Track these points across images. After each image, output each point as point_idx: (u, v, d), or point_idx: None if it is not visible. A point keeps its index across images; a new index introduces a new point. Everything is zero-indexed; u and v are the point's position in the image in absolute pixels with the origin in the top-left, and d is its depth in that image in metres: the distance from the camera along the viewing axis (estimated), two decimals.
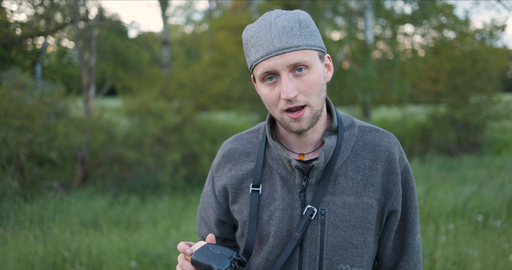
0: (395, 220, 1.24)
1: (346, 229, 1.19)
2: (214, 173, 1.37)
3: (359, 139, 1.26)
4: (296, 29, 1.10)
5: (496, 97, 11.76)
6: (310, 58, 1.11)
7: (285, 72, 1.10)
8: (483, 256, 3.86)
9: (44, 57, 11.65)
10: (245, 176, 1.29)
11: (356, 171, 1.22)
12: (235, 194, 1.30)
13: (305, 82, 1.11)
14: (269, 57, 1.09)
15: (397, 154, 1.25)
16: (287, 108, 1.13)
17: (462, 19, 12.17)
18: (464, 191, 6.16)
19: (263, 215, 1.24)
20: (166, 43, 13.29)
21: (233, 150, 1.35)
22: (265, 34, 1.10)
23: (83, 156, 8.50)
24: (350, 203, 1.20)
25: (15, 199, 6.11)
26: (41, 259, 4.09)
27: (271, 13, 1.14)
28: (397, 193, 1.22)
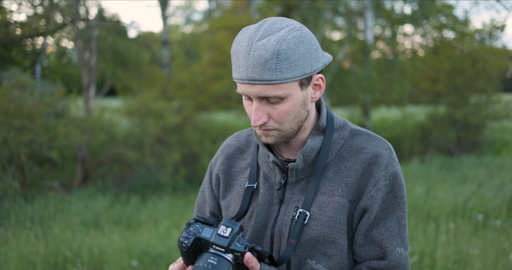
0: (367, 218, 1.18)
1: (314, 227, 1.17)
2: (212, 167, 1.40)
3: (347, 142, 1.24)
4: (272, 62, 1.04)
5: (495, 97, 11.79)
6: (283, 91, 1.08)
7: (257, 100, 1.10)
8: (484, 255, 3.87)
9: (44, 57, 11.65)
10: (237, 174, 1.32)
11: (336, 173, 1.20)
12: (225, 189, 1.33)
13: (277, 111, 1.10)
14: (242, 82, 1.09)
15: (385, 158, 1.20)
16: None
17: (462, 19, 12.20)
18: (464, 190, 6.17)
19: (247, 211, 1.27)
20: (166, 43, 13.31)
21: (230, 146, 1.39)
22: (243, 58, 1.06)
23: (84, 156, 8.51)
24: (321, 202, 1.18)
25: (15, 199, 6.11)
26: (43, 259, 4.09)
27: (257, 31, 1.08)
28: (369, 193, 1.17)
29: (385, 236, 1.17)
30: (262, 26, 1.09)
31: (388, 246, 1.16)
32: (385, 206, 1.18)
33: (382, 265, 1.16)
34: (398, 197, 1.19)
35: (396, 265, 1.16)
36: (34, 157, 7.58)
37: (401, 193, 1.20)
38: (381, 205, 1.18)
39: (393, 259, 1.16)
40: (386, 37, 12.61)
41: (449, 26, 12.45)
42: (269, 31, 1.07)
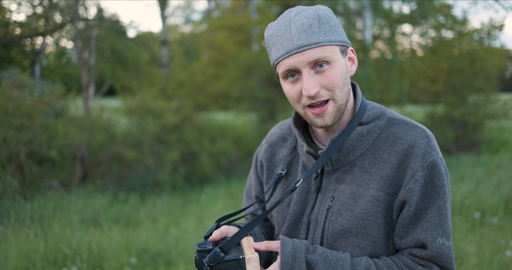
0: (407, 211, 1.17)
1: (348, 218, 1.18)
2: (257, 154, 1.47)
3: (384, 131, 1.23)
4: (315, 25, 1.10)
5: (493, 97, 11.81)
6: (330, 53, 1.12)
7: (306, 69, 1.12)
8: (480, 251, 3.90)
9: (43, 57, 11.67)
10: (279, 161, 1.38)
11: (372, 164, 1.20)
12: (267, 175, 1.40)
13: (327, 77, 1.12)
14: (289, 55, 1.11)
15: (422, 148, 1.17)
16: (309, 104, 1.14)
17: (460, 18, 12.22)
18: (462, 189, 6.20)
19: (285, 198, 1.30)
20: (165, 43, 13.33)
21: (273, 134, 1.44)
22: (285, 33, 1.11)
23: (83, 155, 8.53)
24: (357, 194, 1.19)
25: (15, 198, 6.13)
26: (42, 256, 4.12)
27: (291, 10, 1.14)
28: (407, 185, 1.16)
29: (426, 227, 1.15)
30: (290, 10, 1.15)
31: (429, 237, 1.14)
32: (425, 197, 1.16)
33: (423, 254, 1.16)
34: (438, 186, 1.16)
35: (438, 255, 1.15)
36: (33, 156, 7.59)
37: (441, 183, 1.17)
38: (420, 196, 1.16)
39: (434, 249, 1.15)
40: (384, 37, 12.64)
41: (447, 26, 12.48)
42: (300, 9, 1.14)
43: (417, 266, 1.17)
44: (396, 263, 1.17)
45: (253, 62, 10.80)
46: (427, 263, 1.17)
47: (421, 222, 1.16)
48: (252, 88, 11.01)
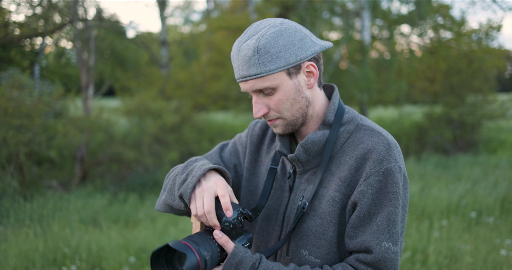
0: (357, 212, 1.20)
1: (311, 217, 1.26)
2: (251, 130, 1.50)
3: (351, 136, 1.27)
4: (255, 58, 1.16)
5: (491, 97, 11.86)
6: (271, 82, 1.18)
7: (254, 94, 1.23)
8: (475, 250, 3.94)
9: (42, 57, 11.69)
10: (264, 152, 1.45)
11: (337, 166, 1.26)
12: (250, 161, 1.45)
13: (272, 101, 1.22)
14: (239, 81, 1.23)
15: (381, 154, 1.20)
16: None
17: (458, 19, 12.27)
18: (459, 188, 6.24)
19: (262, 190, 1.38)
20: (164, 43, 13.37)
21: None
22: (235, 61, 1.21)
23: (82, 156, 8.56)
24: (321, 194, 1.26)
25: (14, 198, 6.16)
26: (42, 255, 4.15)
27: (244, 35, 1.21)
28: (358, 187, 1.20)
29: (373, 230, 1.17)
30: (248, 30, 1.23)
31: (374, 240, 1.16)
32: (377, 201, 1.18)
33: (368, 259, 1.17)
34: (391, 193, 1.18)
35: (382, 259, 1.16)
36: (33, 156, 7.63)
37: (395, 189, 1.18)
38: (372, 200, 1.18)
39: (379, 253, 1.16)
40: (383, 37, 12.68)
41: (446, 27, 12.52)
42: (253, 32, 1.20)
43: None
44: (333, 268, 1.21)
45: None
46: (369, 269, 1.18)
47: (370, 225, 1.18)
48: None
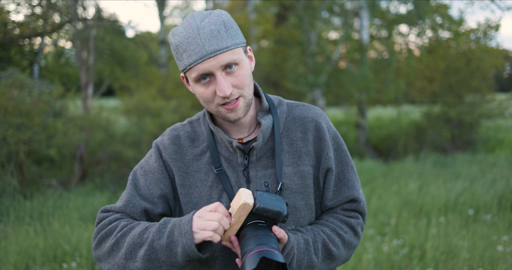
0: (331, 176, 1.37)
1: (289, 196, 1.33)
2: (161, 151, 1.40)
3: (288, 114, 1.40)
4: (223, 31, 1.19)
5: (490, 96, 11.91)
6: (238, 56, 1.23)
7: (219, 72, 1.21)
8: (472, 247, 3.98)
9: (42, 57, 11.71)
10: (192, 161, 1.37)
11: (290, 144, 1.36)
12: (182, 176, 1.36)
13: (237, 78, 1.23)
14: (203, 60, 1.19)
15: (324, 123, 1.39)
16: (223, 103, 1.25)
17: (457, 19, 12.31)
18: (456, 186, 6.27)
19: (213, 194, 1.34)
20: (164, 43, 13.38)
21: (178, 136, 1.41)
22: (195, 39, 1.18)
23: (82, 155, 8.59)
24: (289, 173, 1.33)
25: (14, 196, 6.18)
26: (42, 252, 4.18)
27: (194, 17, 1.21)
28: (326, 155, 1.36)
29: (350, 185, 1.40)
30: (193, 16, 1.22)
31: (355, 193, 1.39)
32: (339, 161, 1.40)
33: (354, 207, 1.41)
34: (344, 150, 1.42)
35: (362, 204, 1.42)
36: (32, 155, 7.65)
37: (344, 147, 1.43)
38: (338, 161, 1.40)
39: (361, 200, 1.42)
40: (381, 37, 12.72)
41: (444, 26, 12.56)
42: (202, 15, 1.22)
43: (349, 219, 1.41)
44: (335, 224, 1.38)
45: None
46: (354, 214, 1.43)
47: (345, 182, 1.40)
48: None
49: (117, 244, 1.24)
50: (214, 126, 1.35)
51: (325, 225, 1.37)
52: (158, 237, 1.18)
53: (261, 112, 1.37)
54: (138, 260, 1.20)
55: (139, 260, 1.19)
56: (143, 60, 15.37)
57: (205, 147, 1.38)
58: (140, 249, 1.20)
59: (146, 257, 1.18)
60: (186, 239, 1.14)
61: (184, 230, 1.15)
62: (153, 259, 1.18)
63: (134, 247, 1.21)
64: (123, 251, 1.22)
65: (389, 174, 7.86)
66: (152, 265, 1.19)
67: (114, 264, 1.24)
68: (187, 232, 1.14)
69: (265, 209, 1.14)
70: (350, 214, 1.42)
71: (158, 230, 1.20)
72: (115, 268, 1.24)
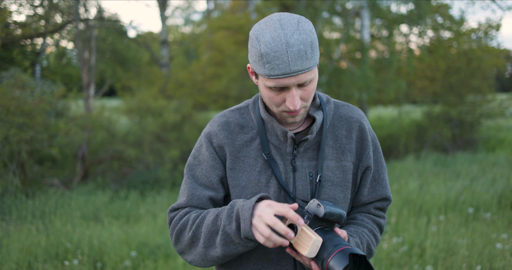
0: (369, 174, 1.48)
1: (330, 187, 1.41)
2: (210, 138, 1.45)
3: (335, 112, 1.48)
4: (309, 52, 1.22)
5: (490, 96, 11.91)
6: (314, 74, 1.28)
7: (294, 87, 1.26)
8: (471, 244, 4.00)
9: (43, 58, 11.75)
10: (242, 146, 1.43)
11: (334, 140, 1.45)
12: (232, 160, 1.43)
13: (306, 92, 1.29)
14: (285, 77, 1.23)
15: (366, 125, 1.50)
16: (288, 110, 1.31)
17: (458, 19, 12.32)
18: (457, 185, 6.29)
19: (261, 179, 1.40)
20: (165, 43, 13.42)
21: (228, 122, 1.46)
22: (282, 56, 1.19)
23: (83, 154, 8.62)
24: (331, 167, 1.42)
25: (16, 195, 6.22)
26: (44, 250, 4.21)
27: (283, 26, 1.22)
28: (367, 154, 1.47)
29: (384, 184, 1.53)
30: (281, 25, 1.23)
31: (387, 192, 1.53)
32: (376, 161, 1.51)
33: (385, 205, 1.55)
34: (380, 152, 1.54)
35: (391, 201, 1.57)
36: (34, 154, 7.69)
37: (380, 149, 1.54)
38: (376, 161, 1.51)
39: (391, 199, 1.56)
40: (382, 37, 12.73)
41: (445, 26, 12.57)
42: (291, 25, 1.23)
43: (379, 220, 1.54)
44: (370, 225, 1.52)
45: None
46: (382, 214, 1.56)
47: (379, 181, 1.52)
48: (251, 88, 11.11)
49: (195, 235, 1.34)
50: (269, 116, 1.40)
51: (364, 226, 1.49)
52: (228, 222, 1.27)
53: (313, 108, 1.44)
54: (217, 246, 1.30)
55: (218, 246, 1.30)
56: (144, 60, 15.41)
57: (254, 134, 1.44)
58: (216, 236, 1.30)
59: (222, 242, 1.29)
60: (245, 225, 1.23)
61: (244, 216, 1.23)
62: (229, 242, 1.28)
63: (211, 235, 1.31)
64: (201, 241, 1.32)
65: (390, 173, 7.88)
66: (229, 249, 1.29)
67: (196, 254, 1.35)
68: (246, 218, 1.23)
69: (331, 213, 1.21)
70: (379, 214, 1.55)
71: (228, 216, 1.28)
72: (198, 258, 1.35)
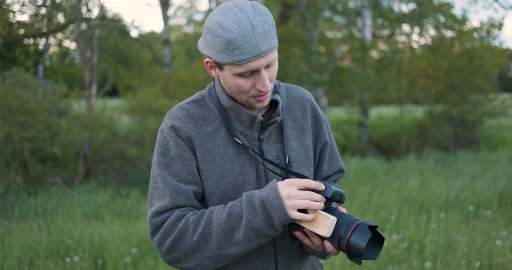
0: (326, 149, 1.56)
1: (297, 167, 1.46)
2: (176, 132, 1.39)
3: (287, 95, 1.54)
4: (272, 31, 1.27)
5: (492, 95, 11.89)
6: (276, 53, 1.32)
7: (263, 68, 1.29)
8: (471, 241, 4.00)
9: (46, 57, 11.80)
10: (208, 138, 1.40)
11: (293, 121, 1.50)
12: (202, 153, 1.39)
13: (272, 72, 1.32)
14: (256, 59, 1.25)
15: (315, 103, 1.58)
16: (257, 94, 1.33)
17: (460, 18, 12.30)
18: (458, 183, 6.29)
19: (235, 168, 1.39)
20: (167, 42, 13.46)
21: (190, 114, 1.41)
22: (250, 38, 1.22)
23: (85, 153, 8.66)
24: (295, 147, 1.47)
25: (19, 193, 6.25)
26: (45, 247, 4.23)
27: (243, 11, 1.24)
28: (323, 131, 1.55)
29: (338, 157, 1.62)
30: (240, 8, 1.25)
31: (341, 164, 1.62)
32: (329, 135, 1.58)
33: (341, 176, 1.64)
34: (329, 127, 1.61)
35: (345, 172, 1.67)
36: (36, 153, 7.72)
37: (328, 123, 1.61)
38: (329, 136, 1.58)
39: (345, 170, 1.65)
40: (384, 36, 12.73)
41: (447, 25, 12.55)
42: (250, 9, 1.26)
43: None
44: None
45: None
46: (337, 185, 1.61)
47: (334, 154, 1.61)
48: None
49: (202, 238, 1.27)
50: (234, 103, 1.40)
51: None
52: (253, 216, 1.25)
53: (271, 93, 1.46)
54: (237, 244, 1.26)
55: (238, 243, 1.26)
56: (146, 60, 15.45)
57: (217, 124, 1.42)
58: (233, 233, 1.26)
59: (246, 238, 1.26)
60: (281, 213, 1.23)
61: (276, 205, 1.23)
62: (253, 237, 1.26)
63: (227, 234, 1.26)
64: (214, 242, 1.27)
65: (391, 172, 7.88)
66: (252, 244, 1.27)
67: (203, 258, 1.29)
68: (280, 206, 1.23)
69: (337, 192, 1.26)
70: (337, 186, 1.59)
71: (250, 211, 1.25)
72: (207, 261, 1.29)
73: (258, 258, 1.37)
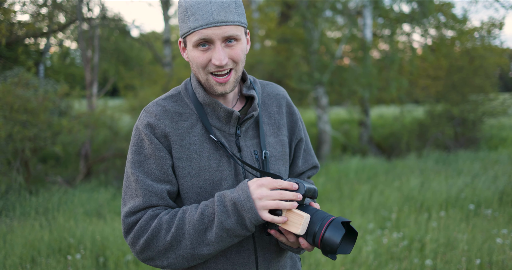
0: (301, 146, 1.58)
1: (274, 162, 1.46)
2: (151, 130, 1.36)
3: (263, 91, 1.55)
4: (232, 6, 1.29)
5: (493, 94, 11.90)
6: (240, 33, 1.32)
7: (219, 42, 1.29)
8: (471, 239, 4.01)
9: (47, 57, 11.82)
10: (184, 134, 1.38)
11: (269, 117, 1.51)
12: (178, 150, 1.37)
13: (234, 51, 1.32)
14: (208, 27, 1.27)
15: (290, 100, 1.59)
16: (215, 71, 1.32)
17: (460, 17, 12.31)
18: (458, 182, 6.30)
19: (212, 164, 1.37)
20: (168, 42, 13.47)
21: (165, 110, 1.39)
22: (206, 6, 1.26)
23: (86, 152, 8.67)
24: (272, 142, 1.48)
25: (20, 192, 6.27)
26: (47, 245, 4.25)
27: None
28: (298, 127, 1.56)
29: (312, 153, 1.64)
30: None
31: (315, 160, 1.64)
32: (304, 132, 1.60)
33: (315, 172, 1.66)
34: (303, 123, 1.63)
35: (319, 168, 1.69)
36: (37, 152, 7.74)
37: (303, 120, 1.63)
38: (304, 132, 1.60)
39: (319, 166, 1.67)
40: (384, 35, 12.74)
41: (448, 25, 12.56)
42: None
43: None
44: None
45: (254, 61, 10.94)
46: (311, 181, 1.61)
47: (308, 151, 1.62)
48: None
49: (175, 238, 1.28)
50: (211, 98, 1.38)
51: None
52: (225, 217, 1.25)
53: (245, 88, 1.48)
54: (209, 244, 1.27)
55: (211, 243, 1.27)
56: (147, 59, 15.47)
57: (194, 120, 1.40)
58: (206, 233, 1.27)
59: (218, 239, 1.27)
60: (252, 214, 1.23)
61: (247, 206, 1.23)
62: (225, 237, 1.27)
63: (199, 234, 1.27)
64: (187, 242, 1.27)
65: (391, 171, 7.89)
66: (224, 243, 1.28)
67: (177, 257, 1.29)
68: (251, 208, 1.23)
69: (310, 189, 1.26)
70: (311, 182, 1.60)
71: (222, 212, 1.25)
72: (180, 260, 1.30)
73: (238, 253, 1.37)
